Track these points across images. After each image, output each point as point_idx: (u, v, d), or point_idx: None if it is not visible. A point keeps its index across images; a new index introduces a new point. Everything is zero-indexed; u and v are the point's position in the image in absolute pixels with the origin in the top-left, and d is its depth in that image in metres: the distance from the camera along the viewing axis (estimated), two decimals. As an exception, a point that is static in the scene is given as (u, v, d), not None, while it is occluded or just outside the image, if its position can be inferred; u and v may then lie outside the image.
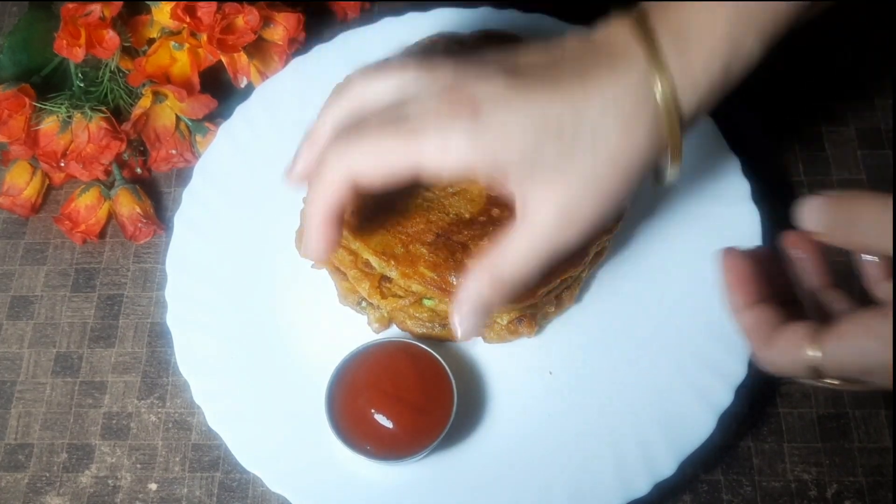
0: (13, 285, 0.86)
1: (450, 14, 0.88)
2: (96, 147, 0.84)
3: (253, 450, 0.72)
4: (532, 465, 0.71)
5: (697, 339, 0.74)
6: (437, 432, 0.70)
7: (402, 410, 0.69)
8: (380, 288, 0.73)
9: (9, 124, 0.83)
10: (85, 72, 0.88)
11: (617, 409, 0.73)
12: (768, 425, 0.77)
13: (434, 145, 0.50)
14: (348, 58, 0.86)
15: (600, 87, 0.50)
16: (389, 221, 0.73)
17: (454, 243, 0.72)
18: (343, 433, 0.70)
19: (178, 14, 0.83)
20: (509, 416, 0.74)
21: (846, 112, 0.90)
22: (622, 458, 0.70)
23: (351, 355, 0.73)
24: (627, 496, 0.68)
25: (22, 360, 0.82)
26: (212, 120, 0.88)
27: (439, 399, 0.71)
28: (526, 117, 0.49)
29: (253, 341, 0.77)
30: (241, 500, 0.75)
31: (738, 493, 0.74)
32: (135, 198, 0.86)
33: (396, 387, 0.71)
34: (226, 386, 0.75)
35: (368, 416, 0.70)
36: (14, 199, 0.87)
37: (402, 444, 0.69)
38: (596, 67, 0.51)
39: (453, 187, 0.75)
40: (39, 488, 0.76)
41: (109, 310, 0.84)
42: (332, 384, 0.72)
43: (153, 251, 0.87)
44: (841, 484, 0.74)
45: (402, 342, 0.74)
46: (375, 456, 0.69)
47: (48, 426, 0.79)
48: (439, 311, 0.74)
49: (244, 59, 0.88)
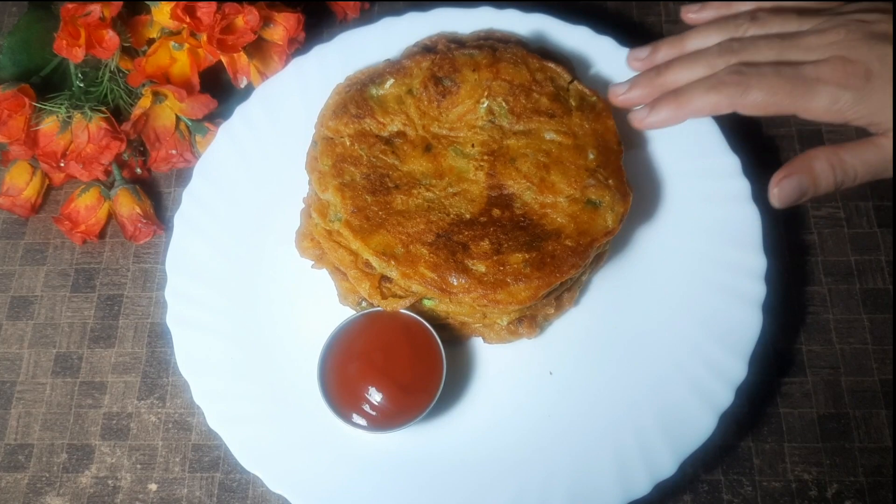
0: (13, 285, 0.86)
1: (450, 14, 0.88)
2: (96, 147, 0.84)
3: (253, 450, 0.72)
4: (532, 464, 0.71)
5: (697, 339, 0.74)
6: (418, 412, 0.70)
7: (388, 386, 0.70)
8: (380, 288, 0.73)
9: (9, 124, 0.83)
10: (85, 72, 0.88)
11: (617, 409, 0.73)
12: (769, 425, 0.77)
13: (824, 102, 0.70)
14: (348, 58, 0.87)
15: None
16: (390, 221, 0.73)
17: (455, 244, 0.72)
18: (330, 396, 0.71)
19: (178, 14, 0.83)
20: (510, 417, 0.74)
21: (846, 112, 0.91)
22: (622, 458, 0.70)
23: (350, 319, 0.74)
24: (628, 496, 0.68)
25: (22, 360, 0.82)
26: (212, 120, 0.88)
27: (427, 378, 0.71)
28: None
29: (253, 341, 0.77)
30: (241, 500, 0.75)
31: (738, 493, 0.74)
32: (135, 198, 0.86)
33: (386, 361, 0.71)
34: (226, 386, 0.75)
35: (356, 386, 0.70)
36: (14, 200, 0.87)
37: (385, 419, 0.70)
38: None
39: (454, 187, 0.75)
40: (39, 489, 0.76)
41: (109, 310, 0.84)
42: (327, 347, 0.73)
43: (153, 251, 0.87)
44: (841, 484, 0.74)
45: (405, 315, 0.74)
46: (356, 423, 0.70)
47: (48, 426, 0.79)
48: (439, 311, 0.74)
49: (244, 59, 0.88)
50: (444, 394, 0.72)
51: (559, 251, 0.71)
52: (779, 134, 0.90)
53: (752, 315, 0.74)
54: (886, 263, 0.82)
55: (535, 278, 0.70)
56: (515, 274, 0.70)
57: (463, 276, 0.70)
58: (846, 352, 0.79)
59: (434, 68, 0.79)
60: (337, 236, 0.75)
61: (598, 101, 0.80)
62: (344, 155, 0.76)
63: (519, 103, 0.78)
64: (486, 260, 0.71)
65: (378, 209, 0.74)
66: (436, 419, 0.74)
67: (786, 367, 0.79)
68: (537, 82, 0.79)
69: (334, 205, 0.75)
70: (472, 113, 0.78)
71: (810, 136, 0.89)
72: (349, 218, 0.73)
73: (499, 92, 0.78)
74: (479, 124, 0.78)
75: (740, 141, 0.82)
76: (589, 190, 0.74)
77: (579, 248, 0.72)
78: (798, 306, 0.81)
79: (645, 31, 0.96)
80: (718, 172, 0.80)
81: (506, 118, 0.78)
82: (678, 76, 0.78)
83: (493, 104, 0.78)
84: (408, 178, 0.76)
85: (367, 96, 0.79)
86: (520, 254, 0.71)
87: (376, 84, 0.80)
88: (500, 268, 0.71)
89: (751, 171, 0.80)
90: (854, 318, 0.80)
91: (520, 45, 0.83)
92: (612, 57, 0.86)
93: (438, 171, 0.76)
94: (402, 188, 0.75)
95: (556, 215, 0.74)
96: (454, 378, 0.75)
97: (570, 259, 0.71)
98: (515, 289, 0.70)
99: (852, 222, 0.85)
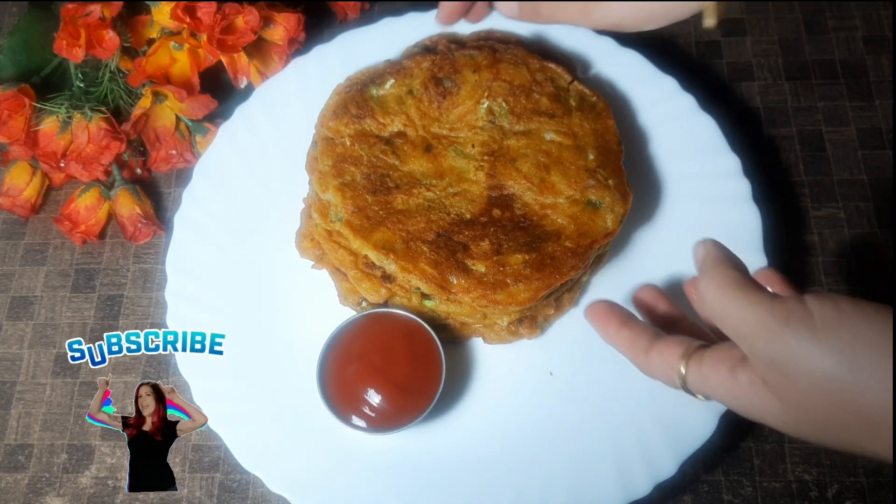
0: (13, 286, 0.86)
1: (450, 14, 0.88)
2: (96, 147, 0.84)
3: (253, 450, 0.72)
4: (533, 465, 0.71)
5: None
6: (418, 413, 0.70)
7: (387, 387, 0.70)
8: (380, 288, 0.73)
9: (9, 125, 0.83)
10: (85, 72, 0.88)
11: (617, 409, 0.73)
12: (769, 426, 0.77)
13: None
14: (348, 58, 0.87)
15: None
16: (390, 220, 0.73)
17: (455, 243, 0.72)
18: (329, 397, 0.71)
19: (178, 14, 0.83)
20: (510, 417, 0.74)
21: (846, 112, 0.91)
22: (623, 458, 0.70)
23: (350, 320, 0.74)
24: (628, 496, 0.68)
25: (22, 360, 0.82)
26: (212, 120, 0.88)
27: (426, 380, 0.71)
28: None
29: (253, 342, 0.77)
30: (241, 500, 0.75)
31: (738, 494, 0.74)
32: (135, 198, 0.86)
33: (385, 362, 0.71)
34: (226, 387, 0.75)
35: (355, 387, 0.70)
36: (14, 200, 0.87)
37: (384, 420, 0.70)
38: None
39: (454, 188, 0.75)
40: (39, 489, 0.76)
41: (109, 310, 0.84)
42: (326, 348, 0.73)
43: (153, 251, 0.87)
44: (842, 484, 0.74)
45: (404, 316, 0.74)
46: (356, 425, 0.70)
47: (48, 427, 0.79)
48: (439, 311, 0.74)
49: (244, 60, 0.88)
50: (444, 395, 0.72)
51: (559, 252, 0.71)
52: (779, 134, 0.90)
53: (753, 315, 0.74)
54: (887, 264, 0.82)
55: (535, 279, 0.70)
56: (515, 275, 0.70)
57: (463, 276, 0.70)
58: (846, 352, 0.79)
59: (434, 69, 0.79)
60: (337, 236, 0.75)
61: (598, 101, 0.80)
62: (344, 155, 0.76)
63: (519, 104, 0.78)
64: (486, 260, 0.71)
65: (378, 209, 0.74)
66: (436, 420, 0.74)
67: (786, 368, 0.79)
68: (537, 83, 0.79)
69: (335, 205, 0.75)
70: (473, 113, 0.78)
71: (811, 136, 0.89)
72: (350, 218, 0.73)
73: (499, 92, 0.78)
74: (479, 125, 0.78)
75: (740, 141, 0.82)
76: (589, 191, 0.74)
77: (579, 249, 0.72)
78: (798, 307, 0.81)
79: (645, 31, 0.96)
80: (718, 172, 0.80)
81: (506, 118, 0.78)
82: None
83: (493, 105, 0.78)
84: (408, 178, 0.76)
85: (367, 97, 0.79)
86: (520, 255, 0.71)
87: (376, 84, 0.80)
88: (499, 268, 0.71)
89: (751, 171, 0.80)
90: (854, 319, 0.80)
91: (520, 45, 0.83)
92: (612, 57, 0.86)
93: (439, 172, 0.76)
94: (402, 188, 0.75)
95: (557, 216, 0.73)
96: (454, 379, 0.75)
97: (570, 261, 0.71)
98: (515, 290, 0.70)
99: (853, 223, 0.85)
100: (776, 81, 0.92)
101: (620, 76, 0.85)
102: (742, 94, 0.92)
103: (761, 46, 0.95)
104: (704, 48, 0.95)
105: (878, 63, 0.93)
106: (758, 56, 0.94)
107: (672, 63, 0.87)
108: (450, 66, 0.79)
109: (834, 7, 0.96)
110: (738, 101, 0.91)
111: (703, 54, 0.94)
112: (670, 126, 0.83)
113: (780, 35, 0.95)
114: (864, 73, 0.92)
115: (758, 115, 0.91)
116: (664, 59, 0.86)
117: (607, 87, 0.85)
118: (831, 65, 0.93)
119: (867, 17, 0.96)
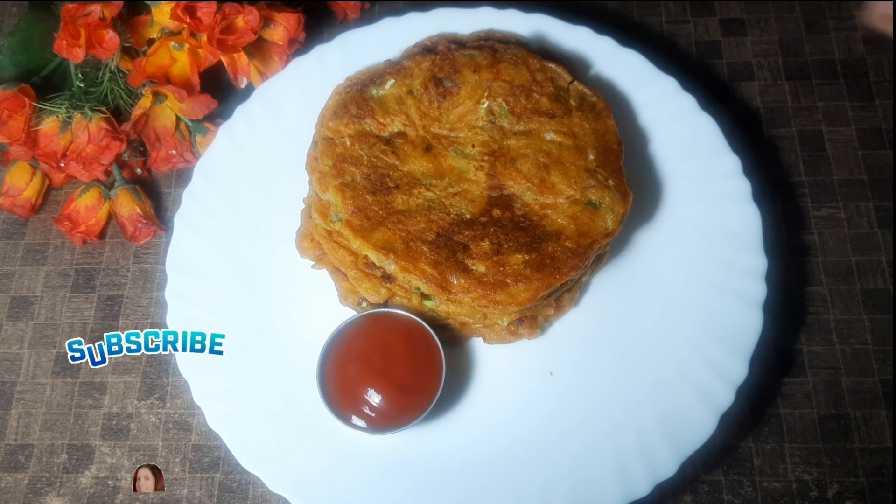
0: (13, 286, 0.86)
1: (450, 14, 0.88)
2: (96, 147, 0.84)
3: (253, 450, 0.72)
4: (533, 465, 0.71)
5: (698, 339, 0.74)
6: (418, 413, 0.70)
7: (387, 387, 0.70)
8: (381, 288, 0.73)
9: (9, 125, 0.83)
10: (85, 72, 0.88)
11: (617, 409, 0.73)
12: (769, 426, 0.77)
13: None
14: (348, 58, 0.87)
15: None
16: (391, 220, 0.73)
17: (455, 243, 0.72)
18: (329, 397, 0.71)
19: (178, 14, 0.83)
20: (510, 417, 0.74)
21: (846, 112, 0.91)
22: (623, 458, 0.70)
23: (350, 320, 0.74)
24: (628, 496, 0.68)
25: (22, 360, 0.82)
26: (212, 120, 0.88)
27: (426, 380, 0.71)
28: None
29: (253, 342, 0.77)
30: (241, 500, 0.75)
31: (738, 494, 0.74)
32: (135, 198, 0.86)
33: (385, 362, 0.71)
34: (226, 387, 0.75)
35: (355, 387, 0.70)
36: (14, 200, 0.87)
37: (384, 420, 0.70)
38: None
39: (454, 188, 0.75)
40: (39, 489, 0.76)
41: (109, 310, 0.84)
42: (327, 348, 0.73)
43: (153, 251, 0.87)
44: (842, 484, 0.74)
45: (404, 316, 0.74)
46: (356, 425, 0.70)
47: (48, 427, 0.79)
48: (440, 311, 0.74)
49: (244, 60, 0.88)
50: (444, 394, 0.72)
51: (559, 253, 0.71)
52: (779, 134, 0.90)
53: (753, 315, 0.74)
54: (887, 264, 0.82)
55: (535, 280, 0.70)
56: (515, 275, 0.70)
57: (463, 276, 0.70)
58: (847, 352, 0.79)
59: (434, 69, 0.79)
60: (337, 237, 0.75)
61: (598, 101, 0.80)
62: (344, 155, 0.76)
63: (519, 104, 0.78)
64: (486, 260, 0.71)
65: (379, 209, 0.74)
66: (436, 420, 0.74)
67: (786, 368, 0.79)
68: (537, 83, 0.79)
69: (335, 205, 0.75)
70: (473, 113, 0.78)
71: (811, 136, 0.89)
72: (350, 218, 0.73)
73: (499, 92, 0.78)
74: (479, 125, 0.78)
75: (740, 141, 0.82)
76: (589, 191, 0.74)
77: (579, 249, 0.72)
78: (798, 307, 0.81)
79: (645, 31, 0.96)
80: (718, 172, 0.80)
81: (506, 119, 0.78)
82: None
83: (493, 105, 0.78)
84: (408, 178, 0.76)
85: (367, 97, 0.79)
86: (520, 255, 0.71)
87: (377, 84, 0.80)
88: (500, 268, 0.71)
89: (751, 171, 0.80)
90: (855, 319, 0.80)
91: (520, 45, 0.83)
92: (612, 57, 0.86)
93: (439, 172, 0.76)
94: (402, 188, 0.75)
95: (557, 216, 0.73)
96: (454, 379, 0.75)
97: (569, 261, 0.71)
98: (515, 290, 0.70)
99: (853, 223, 0.85)
100: (776, 81, 0.92)
101: (620, 76, 0.85)
102: (742, 94, 0.92)
103: (761, 46, 0.95)
104: (704, 48, 0.95)
105: (878, 63, 0.93)
106: (758, 56, 0.94)
107: (672, 63, 0.87)
108: (450, 66, 0.79)
109: (834, 7, 0.96)
110: (738, 101, 0.91)
111: (703, 54, 0.94)
112: (670, 126, 0.83)
113: (780, 35, 0.95)
114: (864, 73, 0.92)
115: (758, 115, 0.91)
116: (664, 59, 0.87)
117: (607, 87, 0.85)
118: (831, 65, 0.93)
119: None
